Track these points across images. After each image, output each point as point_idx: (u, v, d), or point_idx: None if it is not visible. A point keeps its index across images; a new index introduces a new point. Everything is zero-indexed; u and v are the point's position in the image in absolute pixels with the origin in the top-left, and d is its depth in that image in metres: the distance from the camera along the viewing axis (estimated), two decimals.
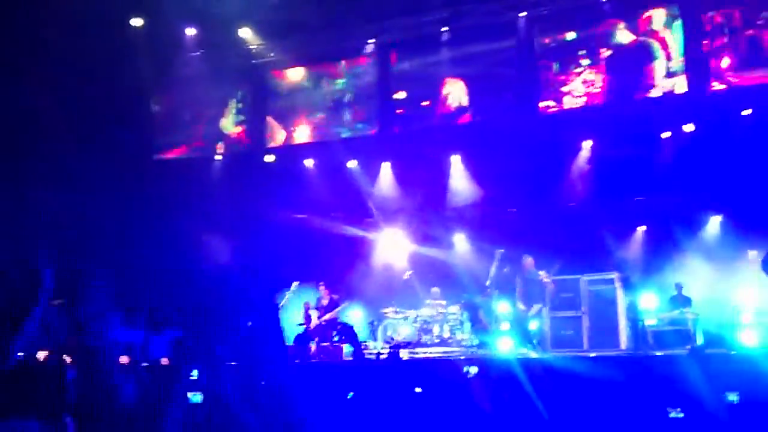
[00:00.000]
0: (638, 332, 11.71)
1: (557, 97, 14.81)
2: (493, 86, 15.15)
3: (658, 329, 11.72)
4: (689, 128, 13.67)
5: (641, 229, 14.19)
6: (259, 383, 10.59)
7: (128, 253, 13.95)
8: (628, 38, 14.33)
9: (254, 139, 16.86)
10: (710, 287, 11.91)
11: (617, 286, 12.07)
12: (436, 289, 13.94)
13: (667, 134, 13.84)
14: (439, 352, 12.49)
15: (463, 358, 11.10)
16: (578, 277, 12.43)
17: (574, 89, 14.69)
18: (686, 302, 11.97)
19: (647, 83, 14.14)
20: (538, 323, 12.33)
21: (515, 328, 12.27)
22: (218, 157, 16.77)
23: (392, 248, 15.35)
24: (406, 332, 13.25)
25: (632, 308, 12.01)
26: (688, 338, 11.28)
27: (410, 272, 14.33)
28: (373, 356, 11.80)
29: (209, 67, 16.22)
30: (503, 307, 12.61)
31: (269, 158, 16.43)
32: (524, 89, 15.00)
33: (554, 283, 12.47)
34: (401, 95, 15.93)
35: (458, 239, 15.16)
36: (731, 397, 8.29)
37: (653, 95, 14.07)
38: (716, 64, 13.70)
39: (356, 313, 14.06)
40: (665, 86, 14.01)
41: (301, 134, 16.61)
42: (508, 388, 9.36)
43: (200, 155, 16.84)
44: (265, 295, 13.83)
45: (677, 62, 13.96)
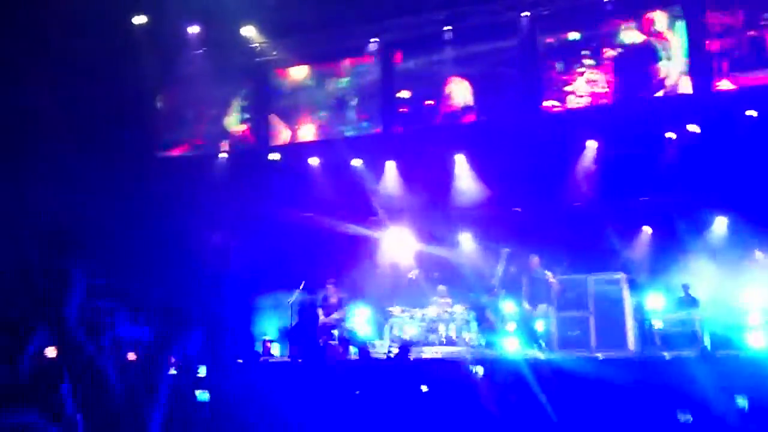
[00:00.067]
0: (645, 333, 11.76)
1: (561, 96, 14.85)
2: (496, 86, 15.19)
3: (665, 330, 11.75)
4: (694, 129, 13.71)
5: (647, 229, 14.21)
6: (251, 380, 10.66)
7: (132, 251, 13.93)
8: (631, 38, 14.36)
9: (258, 137, 16.86)
10: (717, 288, 11.94)
11: (624, 286, 12.08)
12: (442, 287, 13.96)
13: (671, 135, 13.87)
14: (445, 351, 12.51)
15: (469, 358, 11.14)
16: (584, 276, 12.42)
17: (577, 89, 14.72)
18: (693, 303, 12.01)
19: (651, 84, 14.18)
20: (544, 323, 12.37)
21: (521, 328, 12.32)
22: (223, 155, 16.76)
23: (398, 247, 15.35)
24: (412, 331, 13.27)
25: (639, 309, 12.06)
26: (695, 340, 11.31)
27: (416, 271, 14.34)
28: (381, 355, 11.85)
29: (213, 65, 16.19)
30: (509, 306, 12.66)
31: (274, 156, 16.43)
32: (528, 89, 15.04)
33: (560, 282, 12.51)
34: (405, 94, 15.94)
35: (464, 238, 15.18)
36: (740, 401, 8.33)
37: (658, 96, 14.12)
38: (719, 64, 13.75)
39: (363, 311, 14.06)
40: (669, 87, 14.06)
41: (305, 133, 16.62)
42: (514, 388, 9.40)
43: (204, 153, 16.85)
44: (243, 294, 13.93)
45: (681, 63, 14.01)
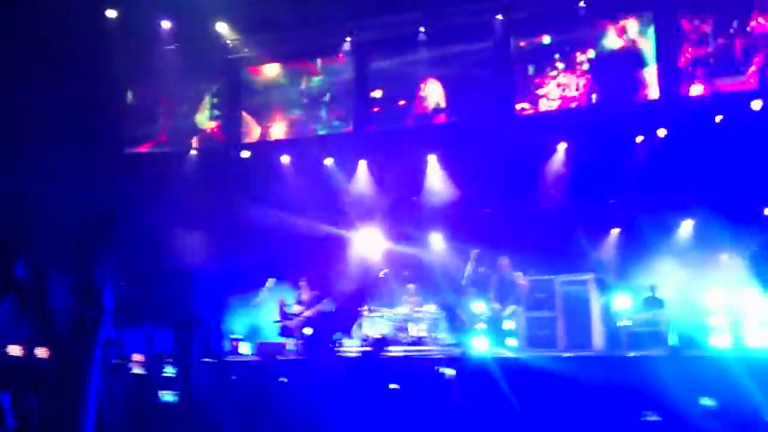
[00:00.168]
0: (612, 333, 11.90)
1: (533, 99, 15.00)
2: (469, 87, 15.30)
3: (631, 330, 11.90)
4: (662, 133, 13.95)
5: (615, 231, 14.40)
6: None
7: (97, 248, 13.73)
8: (606, 44, 14.56)
9: (229, 134, 16.78)
10: (682, 289, 12.12)
11: (591, 287, 12.21)
12: (411, 285, 14.02)
13: (640, 138, 14.09)
14: (415, 350, 12.54)
15: (439, 356, 11.17)
16: (552, 277, 12.54)
17: (549, 92, 14.88)
18: (659, 304, 12.18)
19: (621, 88, 14.39)
20: (513, 323, 12.45)
21: (490, 327, 12.39)
22: (193, 152, 16.64)
23: (368, 246, 15.36)
24: (382, 330, 13.29)
25: (606, 309, 12.20)
26: (661, 339, 11.48)
27: (386, 270, 14.36)
28: (351, 353, 11.86)
29: (184, 61, 16.10)
30: (479, 306, 12.72)
31: (245, 154, 16.37)
32: (500, 91, 15.15)
33: (529, 283, 12.62)
34: (378, 94, 15.98)
35: (434, 238, 15.23)
36: (706, 400, 8.47)
37: (627, 100, 14.33)
38: (688, 71, 14.00)
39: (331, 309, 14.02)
40: (639, 91, 14.28)
41: (276, 130, 16.58)
42: (483, 386, 9.46)
43: (174, 150, 16.71)
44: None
45: (651, 68, 14.23)
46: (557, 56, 14.90)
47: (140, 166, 16.40)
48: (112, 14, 15.23)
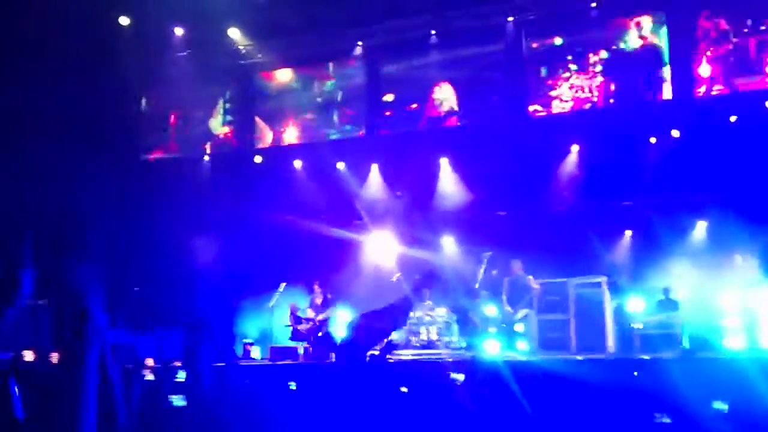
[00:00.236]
0: (626, 336, 11.80)
1: (545, 101, 14.94)
2: (481, 90, 15.28)
3: (645, 333, 11.79)
4: (676, 134, 13.82)
5: (629, 233, 14.27)
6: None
7: (114, 253, 13.82)
8: (624, 43, 14.45)
9: (242, 139, 16.88)
10: (696, 291, 11.99)
11: (604, 289, 12.12)
12: (424, 290, 13.95)
13: (653, 140, 13.96)
14: (426, 353, 12.50)
15: (450, 360, 11.12)
16: (565, 280, 12.45)
17: (561, 94, 14.81)
18: (673, 306, 12.05)
19: (638, 88, 14.28)
20: (524, 326, 12.37)
21: (502, 330, 12.33)
22: (206, 157, 16.73)
23: (380, 250, 15.33)
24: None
25: (619, 312, 12.10)
26: (675, 342, 11.36)
27: (398, 274, 14.31)
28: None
29: (197, 67, 16.19)
30: (491, 310, 12.66)
31: (258, 159, 16.44)
32: (513, 93, 15.12)
33: (542, 286, 12.53)
34: (389, 97, 15.98)
35: (446, 242, 15.18)
36: (718, 403, 8.36)
37: (640, 101, 14.22)
38: (702, 71, 13.86)
39: (344, 314, 14.01)
40: (652, 92, 14.17)
41: (289, 135, 16.64)
42: (495, 390, 9.40)
43: (188, 155, 16.81)
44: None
45: (664, 68, 14.12)
46: (570, 57, 14.83)
47: (155, 172, 16.51)
48: (125, 21, 15.33)
